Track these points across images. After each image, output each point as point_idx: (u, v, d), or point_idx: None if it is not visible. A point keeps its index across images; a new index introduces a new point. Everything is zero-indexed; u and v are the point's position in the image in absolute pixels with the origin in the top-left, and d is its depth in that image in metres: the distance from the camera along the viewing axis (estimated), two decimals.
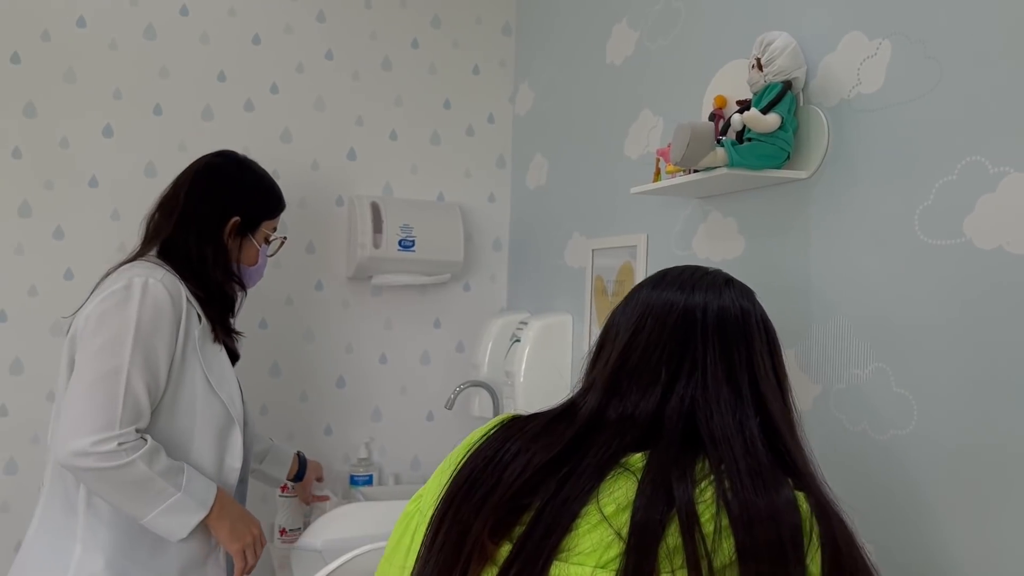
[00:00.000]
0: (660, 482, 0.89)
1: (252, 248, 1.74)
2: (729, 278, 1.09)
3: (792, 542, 0.86)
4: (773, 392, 1.01)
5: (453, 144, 2.46)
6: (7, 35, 2.07)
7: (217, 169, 1.73)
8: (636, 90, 1.86)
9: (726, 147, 1.32)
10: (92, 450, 1.41)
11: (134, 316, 1.48)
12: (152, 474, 1.45)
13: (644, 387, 0.98)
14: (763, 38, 1.33)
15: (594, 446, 0.94)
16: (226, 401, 1.61)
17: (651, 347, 1.00)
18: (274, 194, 1.80)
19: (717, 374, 0.98)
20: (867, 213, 1.24)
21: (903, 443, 1.17)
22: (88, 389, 1.44)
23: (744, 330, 1.02)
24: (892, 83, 1.20)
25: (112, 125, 2.15)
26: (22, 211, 2.09)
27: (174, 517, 1.48)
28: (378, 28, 2.38)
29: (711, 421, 0.95)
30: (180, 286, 1.56)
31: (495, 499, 0.92)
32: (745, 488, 0.89)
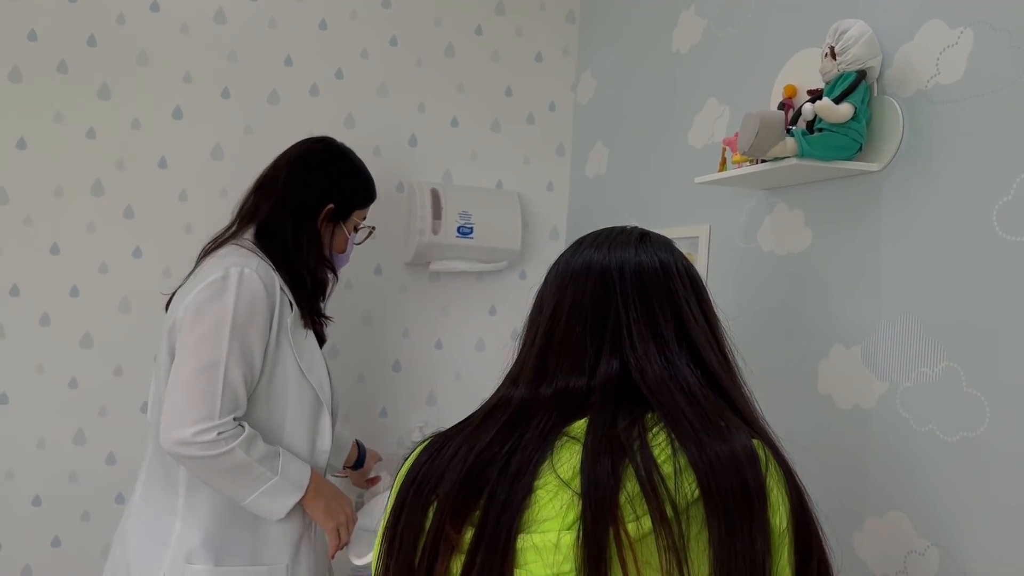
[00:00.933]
0: (605, 437, 0.88)
1: (343, 235, 1.78)
2: (645, 232, 1.07)
3: (755, 482, 0.86)
4: (706, 339, 0.99)
5: (513, 131, 2.46)
6: (85, 18, 2.13)
7: (317, 156, 1.77)
8: (702, 79, 1.84)
9: (796, 137, 1.30)
10: (194, 440, 1.47)
11: (231, 308, 1.53)
12: (250, 460, 1.51)
13: (572, 364, 0.97)
14: (837, 26, 1.30)
15: (534, 420, 0.94)
16: (316, 386, 1.65)
17: (573, 320, 0.98)
18: (368, 184, 1.85)
19: (642, 331, 0.97)
20: (942, 208, 1.20)
21: (973, 445, 1.14)
22: (189, 381, 1.50)
23: (665, 282, 1.00)
24: (973, 74, 1.17)
25: (182, 107, 2.20)
26: (95, 190, 2.15)
27: (272, 499, 1.55)
28: (442, 15, 2.38)
29: (645, 377, 0.94)
30: (274, 275, 1.60)
31: (446, 490, 0.91)
32: (697, 431, 0.88)
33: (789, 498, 0.88)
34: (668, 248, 1.05)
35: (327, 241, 1.76)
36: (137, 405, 2.18)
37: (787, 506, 0.88)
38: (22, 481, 2.11)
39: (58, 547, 2.13)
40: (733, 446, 0.87)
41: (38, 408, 2.12)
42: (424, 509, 0.92)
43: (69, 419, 2.14)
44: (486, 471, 0.90)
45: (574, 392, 0.95)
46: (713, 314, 1.03)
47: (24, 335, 2.11)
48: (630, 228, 1.08)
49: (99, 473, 2.16)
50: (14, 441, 2.11)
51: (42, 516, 2.12)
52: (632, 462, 0.86)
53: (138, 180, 2.17)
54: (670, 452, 0.87)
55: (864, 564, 1.31)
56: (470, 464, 0.91)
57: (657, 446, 0.87)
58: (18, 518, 2.11)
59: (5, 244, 2.10)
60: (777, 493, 0.87)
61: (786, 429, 1.50)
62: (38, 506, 2.12)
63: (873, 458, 1.30)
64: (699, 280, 1.04)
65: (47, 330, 2.12)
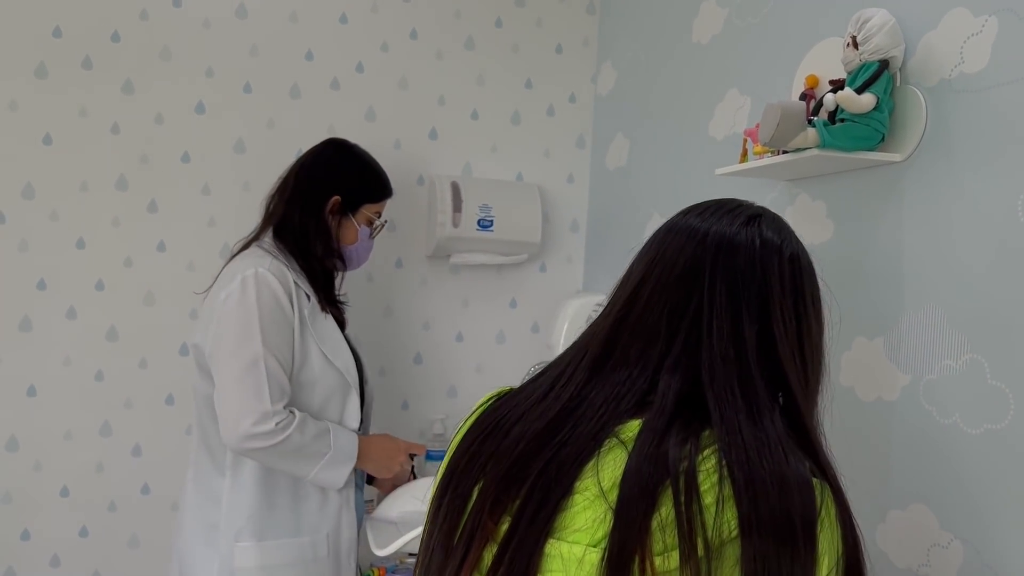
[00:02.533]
0: (653, 450, 0.80)
1: (351, 228, 1.87)
2: (759, 213, 0.95)
3: (803, 520, 0.77)
4: (791, 350, 0.88)
5: (533, 124, 2.46)
6: (108, 14, 2.15)
7: (324, 152, 1.90)
8: (723, 69, 1.83)
9: (818, 128, 1.29)
10: (255, 433, 1.61)
11: (255, 307, 1.65)
12: (306, 440, 1.66)
13: (643, 348, 0.88)
14: (860, 15, 1.29)
15: (589, 411, 0.86)
16: (343, 369, 1.77)
17: (654, 298, 0.89)
18: (378, 179, 1.93)
19: (723, 328, 0.86)
20: (966, 198, 1.19)
21: (998, 438, 1.13)
22: (237, 381, 1.63)
23: (761, 275, 0.89)
24: (998, 62, 1.15)
25: (204, 102, 2.21)
26: (119, 185, 2.17)
27: (332, 471, 1.70)
28: (462, 7, 2.38)
29: (715, 384, 0.85)
30: (286, 271, 1.72)
31: (492, 474, 0.86)
32: (750, 458, 0.79)
33: (844, 544, 0.80)
34: (779, 234, 0.93)
35: (335, 232, 1.85)
36: (162, 397, 2.20)
37: (837, 554, 0.79)
38: (50, 472, 2.15)
39: (85, 537, 2.17)
40: (786, 474, 0.79)
41: (65, 400, 2.15)
42: (471, 485, 0.87)
43: (95, 411, 2.17)
44: (533, 461, 0.84)
45: (637, 384, 0.87)
46: (810, 323, 0.91)
47: (51, 329, 2.14)
48: (747, 204, 0.96)
49: (125, 464, 2.19)
50: (42, 433, 2.14)
51: (70, 507, 2.16)
52: (673, 485, 0.78)
53: (162, 174, 2.19)
54: (716, 479, 0.78)
55: (886, 557, 1.30)
56: (520, 450, 0.86)
57: (704, 471, 0.79)
58: (46, 509, 2.14)
59: (31, 239, 2.13)
60: (828, 536, 0.79)
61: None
62: (66, 497, 2.16)
63: (896, 450, 1.30)
64: (804, 280, 0.92)
65: (73, 323, 2.15)
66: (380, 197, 1.93)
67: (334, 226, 1.84)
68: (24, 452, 2.13)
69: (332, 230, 1.84)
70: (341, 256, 1.88)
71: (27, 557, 2.13)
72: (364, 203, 1.88)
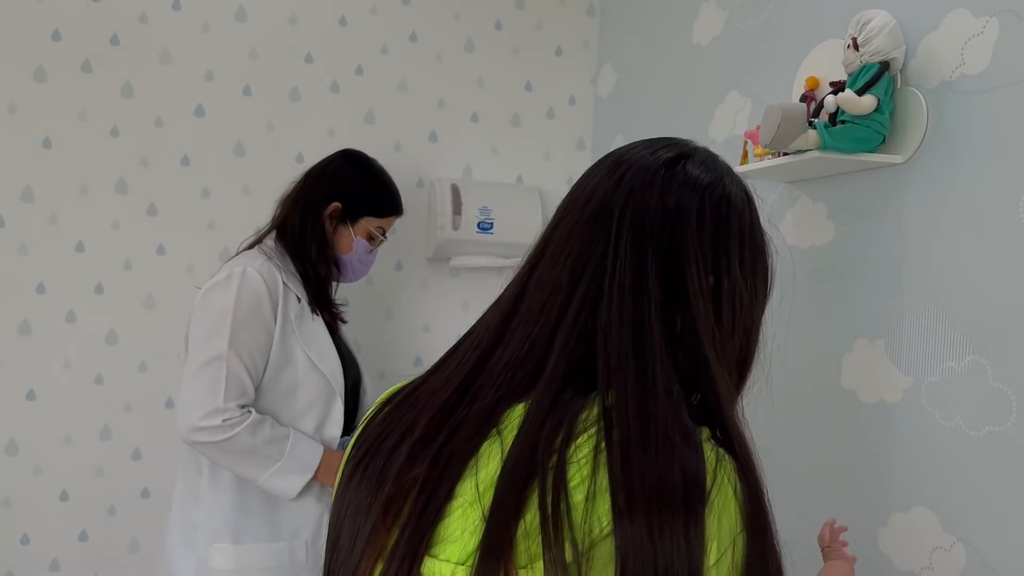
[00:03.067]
0: (528, 441, 0.70)
1: (347, 237, 1.85)
2: (697, 149, 0.81)
3: (686, 500, 0.67)
4: (706, 320, 0.75)
5: (533, 126, 2.45)
6: (108, 18, 2.14)
7: (332, 161, 1.89)
8: (723, 71, 1.82)
9: (818, 129, 1.28)
10: (201, 425, 1.59)
11: (232, 304, 1.64)
12: (256, 443, 1.62)
13: (545, 299, 0.76)
14: (860, 17, 1.29)
15: (488, 379, 0.75)
16: (328, 374, 1.74)
17: (562, 242, 0.78)
18: (381, 194, 1.91)
19: (624, 281, 0.74)
20: (967, 199, 1.19)
21: (1000, 440, 1.12)
22: (196, 373, 1.63)
23: (676, 214, 0.75)
24: (999, 63, 1.15)
25: (203, 105, 2.21)
26: (119, 188, 2.17)
27: (282, 480, 1.65)
28: (462, 9, 2.38)
29: (608, 344, 0.73)
30: (277, 273, 1.71)
31: (389, 475, 0.75)
32: (631, 440, 0.68)
33: (747, 531, 0.70)
34: (709, 173, 0.79)
35: (332, 239, 1.83)
36: (162, 401, 2.20)
37: (730, 541, 0.69)
38: (49, 476, 2.14)
39: (85, 541, 2.16)
40: (672, 457, 0.68)
41: (64, 404, 2.15)
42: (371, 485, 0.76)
43: (95, 415, 2.17)
44: (429, 446, 0.74)
45: (536, 346, 0.75)
46: (734, 281, 0.77)
47: (50, 332, 2.14)
48: (686, 142, 0.82)
49: (125, 468, 2.18)
50: (41, 437, 2.14)
51: (69, 511, 2.15)
52: (540, 485, 0.68)
53: (161, 178, 2.19)
54: (589, 471, 0.68)
55: (889, 560, 1.30)
56: (419, 434, 0.75)
57: (576, 463, 0.68)
58: (46, 513, 2.13)
59: (31, 242, 2.12)
60: (718, 519, 0.69)
61: (810, 424, 1.49)
62: (65, 501, 2.15)
63: (898, 453, 1.29)
64: (733, 229, 0.78)
65: (73, 327, 2.15)
66: (383, 212, 1.90)
67: (331, 232, 1.83)
68: (24, 456, 2.12)
69: (328, 236, 1.83)
70: (336, 264, 1.86)
71: (26, 562, 2.12)
72: (365, 215, 1.86)
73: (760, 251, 0.81)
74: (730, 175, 0.81)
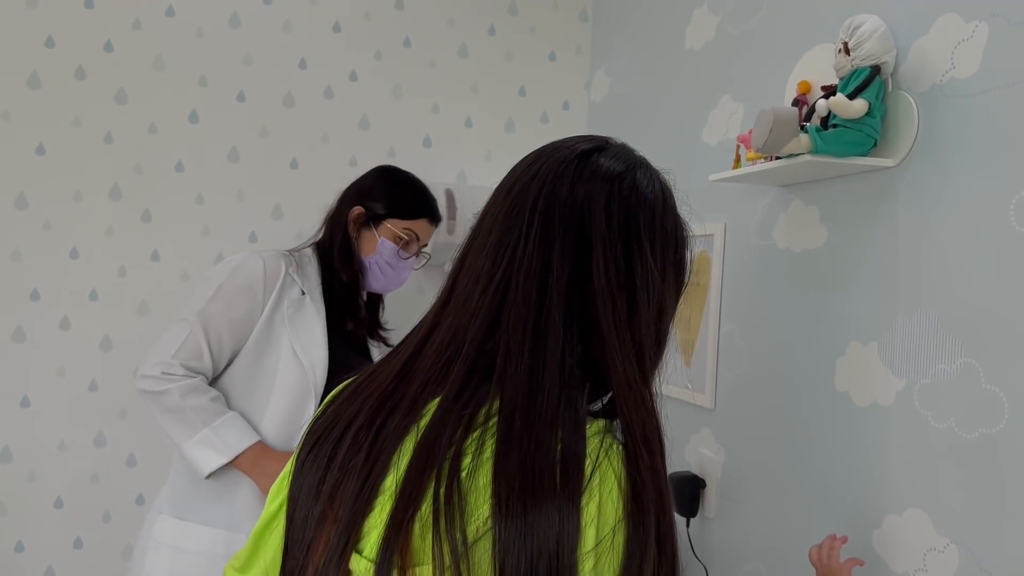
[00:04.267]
0: (432, 435, 0.72)
1: (371, 240, 1.83)
2: (612, 141, 0.84)
3: (564, 484, 0.68)
4: (611, 309, 0.75)
5: (527, 131, 2.46)
6: (101, 24, 2.15)
7: (364, 175, 1.90)
8: (716, 76, 1.83)
9: (810, 133, 1.29)
10: (144, 373, 1.63)
11: (222, 280, 1.67)
12: (184, 406, 1.61)
13: (471, 288, 0.78)
14: (851, 21, 1.29)
15: (421, 365, 0.78)
16: (307, 367, 1.70)
17: (485, 232, 0.81)
18: (404, 194, 1.87)
19: (531, 267, 0.76)
20: (958, 203, 1.19)
21: (993, 442, 1.13)
22: (165, 332, 1.67)
23: (585, 202, 0.77)
24: (989, 67, 1.16)
25: (198, 111, 2.21)
26: (113, 194, 2.17)
27: (199, 451, 1.62)
28: (455, 15, 2.39)
29: (510, 330, 0.75)
30: (283, 265, 1.72)
31: (334, 458, 0.78)
32: (515, 429, 0.70)
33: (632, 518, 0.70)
34: (620, 163, 0.82)
35: (356, 245, 1.83)
36: None
37: (611, 528, 0.69)
38: (44, 483, 2.14)
39: (80, 548, 2.15)
40: (551, 457, 0.69)
41: (59, 411, 2.14)
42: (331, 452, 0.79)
43: (90, 422, 2.16)
44: (365, 438, 0.76)
45: (460, 335, 0.77)
46: (646, 272, 0.78)
47: (45, 339, 2.13)
48: (591, 138, 0.84)
49: (120, 475, 2.18)
50: (36, 444, 2.13)
51: (64, 518, 2.15)
52: (436, 475, 0.70)
53: (155, 184, 2.19)
54: (475, 463, 0.70)
55: (883, 562, 1.30)
56: (357, 427, 0.77)
57: (470, 454, 0.70)
58: (41, 520, 2.13)
59: (25, 249, 2.12)
60: (598, 505, 0.69)
61: (803, 427, 1.49)
62: (60, 508, 2.15)
63: (891, 455, 1.30)
64: (642, 218, 0.79)
65: (67, 334, 2.15)
66: (407, 213, 1.85)
67: (355, 238, 1.83)
68: (18, 463, 2.12)
69: (353, 241, 1.83)
70: (360, 269, 1.83)
71: (21, 569, 2.12)
72: (388, 217, 1.83)
73: (673, 240, 0.82)
74: (644, 167, 0.83)
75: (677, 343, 1.91)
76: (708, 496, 1.76)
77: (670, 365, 0.84)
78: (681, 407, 1.88)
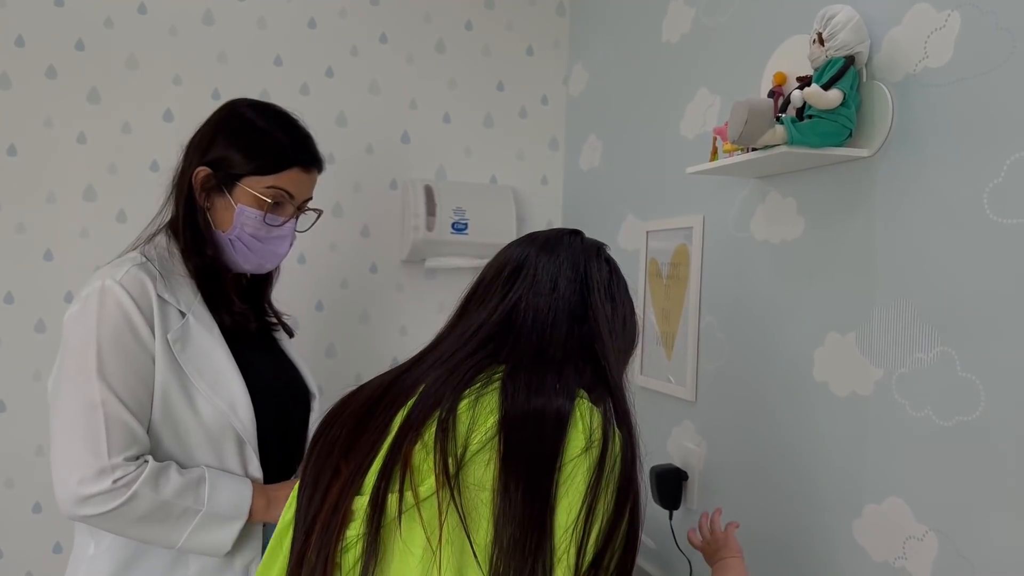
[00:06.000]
0: (435, 386, 0.96)
1: (227, 209, 1.41)
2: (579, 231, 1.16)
3: (544, 456, 0.88)
4: (607, 322, 1.05)
5: (506, 126, 2.45)
6: (72, 23, 2.12)
7: (206, 121, 1.48)
8: (693, 68, 1.83)
9: (786, 124, 1.29)
10: (87, 494, 1.25)
11: (94, 331, 1.29)
12: (165, 497, 1.28)
13: (481, 303, 1.06)
14: (825, 12, 1.29)
15: (418, 368, 1.03)
16: (224, 408, 1.35)
17: (492, 275, 1.09)
18: (260, 143, 1.43)
19: (544, 280, 1.05)
20: (933, 192, 1.20)
21: (969, 429, 1.13)
22: (68, 431, 1.28)
23: (582, 253, 1.10)
24: (961, 56, 1.16)
25: (172, 110, 2.19)
26: (87, 195, 2.14)
27: (209, 534, 1.32)
28: (432, 10, 2.38)
29: (525, 311, 1.02)
30: (147, 283, 1.34)
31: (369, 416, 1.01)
32: (519, 386, 0.93)
33: (605, 492, 0.88)
34: (596, 243, 1.15)
35: (210, 218, 1.43)
36: None
37: (581, 502, 0.87)
38: (22, 488, 2.11)
39: (59, 553, 2.13)
40: (547, 407, 0.91)
41: (36, 415, 2.12)
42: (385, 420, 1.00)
43: None
44: (388, 396, 1.01)
45: (468, 334, 1.03)
46: (624, 302, 1.10)
47: (20, 342, 2.11)
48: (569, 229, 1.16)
49: None
50: (13, 449, 2.11)
51: (43, 523, 2.12)
52: (440, 410, 0.92)
53: (130, 184, 2.17)
54: (475, 399, 0.93)
55: (863, 550, 1.31)
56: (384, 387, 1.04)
57: (471, 394, 0.94)
58: (19, 525, 2.11)
59: None
60: (571, 479, 0.88)
61: (783, 418, 1.50)
62: (38, 513, 2.12)
63: (870, 445, 1.30)
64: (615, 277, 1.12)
65: (43, 337, 2.12)
66: (266, 167, 1.41)
67: (207, 209, 1.42)
68: None
69: (206, 214, 1.42)
70: (215, 246, 1.43)
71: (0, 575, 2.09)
72: (244, 175, 1.41)
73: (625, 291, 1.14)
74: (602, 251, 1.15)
75: (658, 337, 1.91)
76: (690, 488, 1.76)
77: (653, 358, 1.16)
78: (662, 400, 1.88)
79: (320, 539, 0.92)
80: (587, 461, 0.88)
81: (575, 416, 0.91)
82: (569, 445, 0.89)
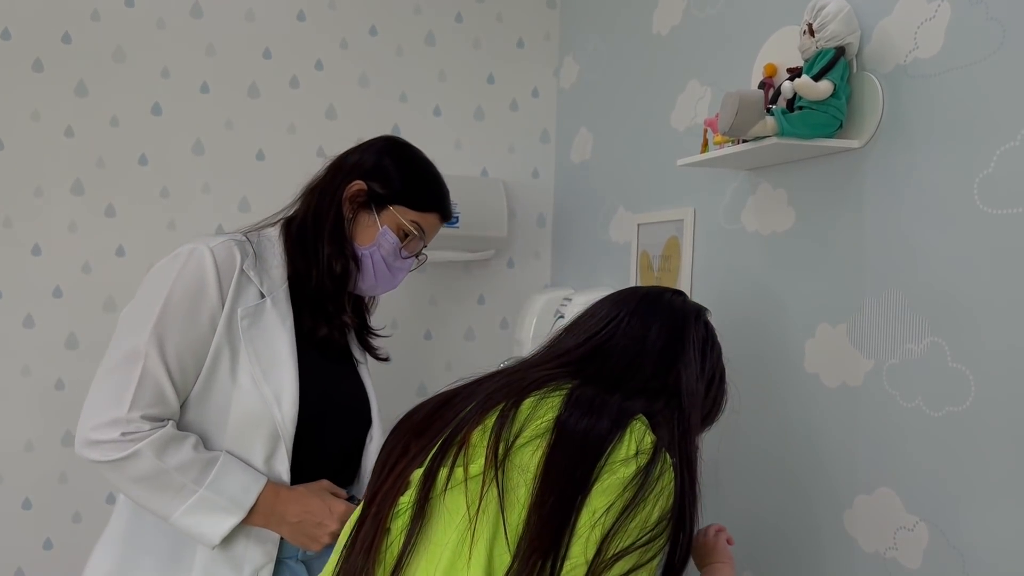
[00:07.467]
0: (508, 384, 1.05)
1: (370, 227, 1.46)
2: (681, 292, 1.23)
3: (596, 448, 0.94)
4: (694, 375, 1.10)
5: (497, 119, 2.45)
6: (58, 15, 2.10)
7: (366, 143, 1.54)
8: (683, 60, 1.83)
9: (776, 116, 1.29)
10: (94, 439, 1.26)
11: (166, 290, 1.30)
12: (163, 467, 1.25)
13: (575, 334, 1.14)
14: (815, 3, 1.29)
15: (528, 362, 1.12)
16: (269, 400, 1.33)
17: (587, 316, 1.17)
18: (418, 181, 1.51)
19: (638, 325, 1.12)
20: (923, 182, 1.20)
21: (959, 420, 1.13)
22: (105, 375, 1.30)
23: (682, 311, 1.16)
24: (951, 47, 1.16)
25: (160, 103, 2.18)
26: (75, 189, 2.13)
27: (200, 518, 1.27)
28: (422, 3, 2.36)
29: (614, 346, 1.09)
30: (236, 255, 1.35)
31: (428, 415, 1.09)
32: (580, 401, 0.99)
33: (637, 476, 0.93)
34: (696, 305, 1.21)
35: (351, 229, 1.46)
36: None
37: (611, 504, 0.92)
38: (11, 484, 2.10)
39: (50, 549, 2.12)
40: (607, 414, 0.98)
41: (25, 410, 2.11)
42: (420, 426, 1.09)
43: (56, 421, 2.13)
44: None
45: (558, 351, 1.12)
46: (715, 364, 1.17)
47: (8, 337, 2.10)
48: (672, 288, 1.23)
49: (89, 474, 2.14)
50: (2, 444, 2.10)
51: (33, 519, 2.11)
52: (506, 399, 1.00)
53: (119, 178, 2.15)
54: (538, 400, 1.00)
55: (854, 541, 1.31)
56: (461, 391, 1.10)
57: (533, 395, 1.01)
58: (9, 521, 2.10)
59: None
60: (608, 482, 0.92)
61: (774, 409, 1.50)
62: (28, 509, 2.11)
63: (861, 435, 1.30)
64: (711, 340, 1.18)
65: (31, 332, 2.11)
66: (418, 204, 1.49)
67: (350, 219, 1.46)
68: None
69: (347, 223, 1.45)
70: (354, 258, 1.45)
71: None
72: (396, 203, 1.46)
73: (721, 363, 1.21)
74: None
75: None
76: None
77: None
78: None
79: (378, 506, 1.01)
80: (631, 466, 0.94)
81: (631, 427, 0.97)
82: (617, 448, 0.95)
